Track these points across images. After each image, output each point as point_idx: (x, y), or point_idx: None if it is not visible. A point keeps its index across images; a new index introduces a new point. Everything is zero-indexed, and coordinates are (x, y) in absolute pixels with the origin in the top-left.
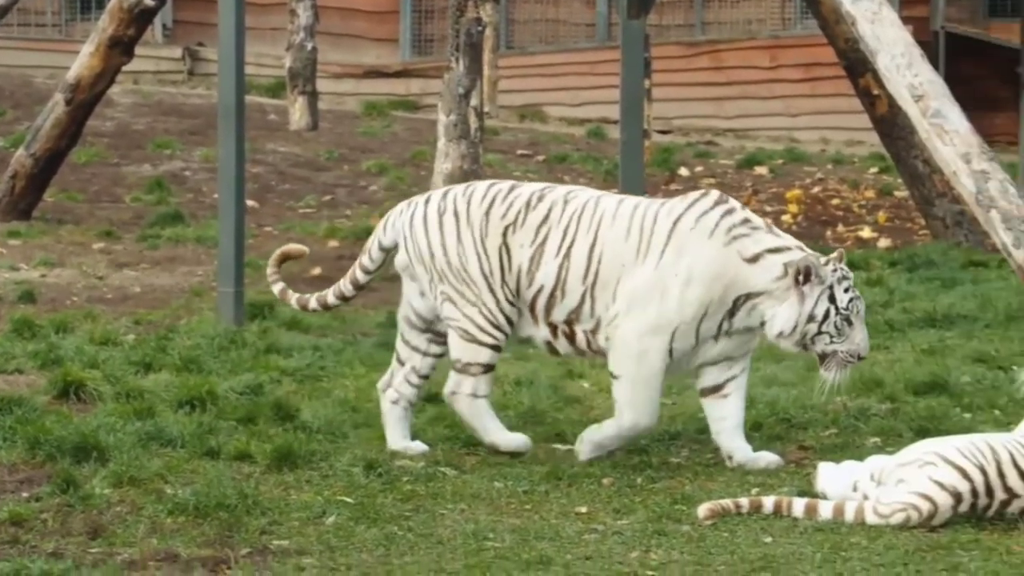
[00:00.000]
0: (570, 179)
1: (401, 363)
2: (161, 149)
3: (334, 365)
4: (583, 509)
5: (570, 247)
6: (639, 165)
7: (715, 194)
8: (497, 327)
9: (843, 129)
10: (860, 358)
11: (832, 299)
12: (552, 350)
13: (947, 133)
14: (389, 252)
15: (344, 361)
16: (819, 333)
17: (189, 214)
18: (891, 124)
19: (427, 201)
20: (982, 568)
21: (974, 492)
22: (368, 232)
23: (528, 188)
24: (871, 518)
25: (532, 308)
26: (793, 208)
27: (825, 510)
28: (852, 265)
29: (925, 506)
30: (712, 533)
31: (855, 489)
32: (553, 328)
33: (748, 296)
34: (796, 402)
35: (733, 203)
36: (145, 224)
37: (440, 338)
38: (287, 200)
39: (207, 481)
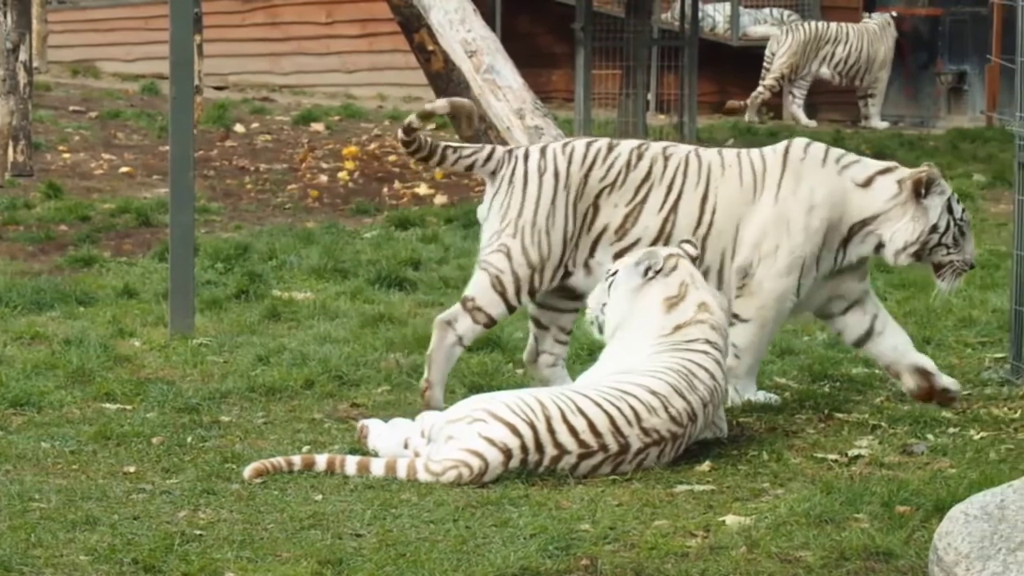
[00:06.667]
0: (123, 136)
1: (545, 328)
2: None
3: None
4: (132, 469)
5: (676, 201)
6: (189, 121)
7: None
8: (533, 293)
9: (400, 85)
10: (971, 266)
11: (950, 210)
12: None
13: (500, 89)
14: None
15: None
16: (938, 244)
17: None
18: (447, 80)
19: (526, 157)
20: (531, 523)
21: (524, 448)
22: None
23: (627, 146)
24: (423, 475)
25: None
26: (350, 165)
27: (377, 467)
28: (408, 222)
29: (476, 463)
30: (262, 492)
31: (406, 446)
32: None
33: (864, 223)
34: (349, 359)
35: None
36: None
37: (569, 292)
38: None
39: None
